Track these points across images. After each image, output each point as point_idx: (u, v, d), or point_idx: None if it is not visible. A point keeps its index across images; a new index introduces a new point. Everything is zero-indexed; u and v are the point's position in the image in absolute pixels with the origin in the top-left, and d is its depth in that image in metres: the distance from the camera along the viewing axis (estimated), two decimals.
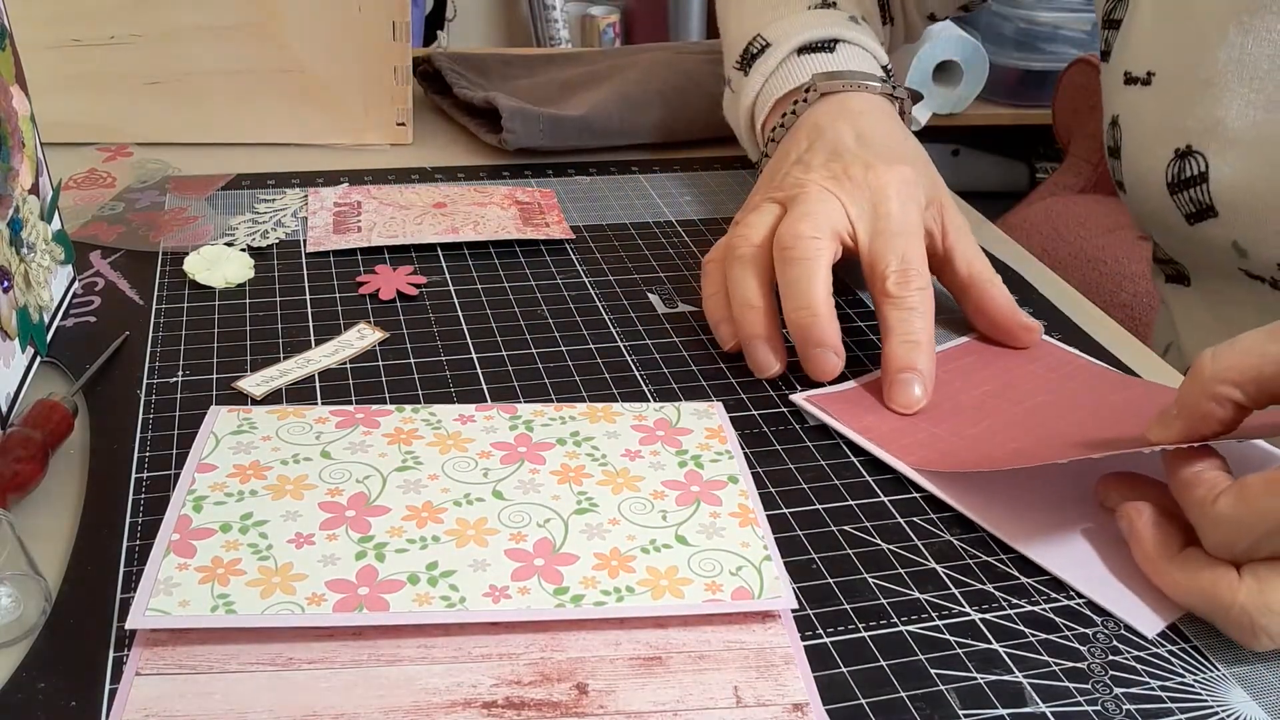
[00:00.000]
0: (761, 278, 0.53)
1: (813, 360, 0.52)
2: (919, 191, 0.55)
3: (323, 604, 0.37)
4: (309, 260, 0.62)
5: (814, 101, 0.62)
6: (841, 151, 0.56)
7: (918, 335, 0.51)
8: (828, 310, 0.51)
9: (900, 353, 0.51)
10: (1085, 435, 0.49)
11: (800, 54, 0.65)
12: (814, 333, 0.51)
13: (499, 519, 0.42)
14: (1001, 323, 0.56)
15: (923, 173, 0.56)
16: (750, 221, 0.55)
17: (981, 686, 0.37)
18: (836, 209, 0.53)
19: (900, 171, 0.54)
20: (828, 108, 0.61)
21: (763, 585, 0.40)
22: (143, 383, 0.51)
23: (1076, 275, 1.54)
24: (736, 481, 0.45)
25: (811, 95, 0.62)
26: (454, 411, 0.48)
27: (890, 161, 0.55)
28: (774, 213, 0.55)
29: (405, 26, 0.76)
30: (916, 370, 0.51)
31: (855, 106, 0.60)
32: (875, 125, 0.59)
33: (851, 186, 0.54)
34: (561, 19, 2.30)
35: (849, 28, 0.66)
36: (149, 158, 0.74)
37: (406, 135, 0.79)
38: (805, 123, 0.61)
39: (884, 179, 0.54)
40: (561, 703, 0.35)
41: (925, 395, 0.50)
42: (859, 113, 0.60)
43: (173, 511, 0.41)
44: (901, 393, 0.50)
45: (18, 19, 0.55)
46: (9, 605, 0.38)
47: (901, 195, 0.54)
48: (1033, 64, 2.11)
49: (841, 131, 0.58)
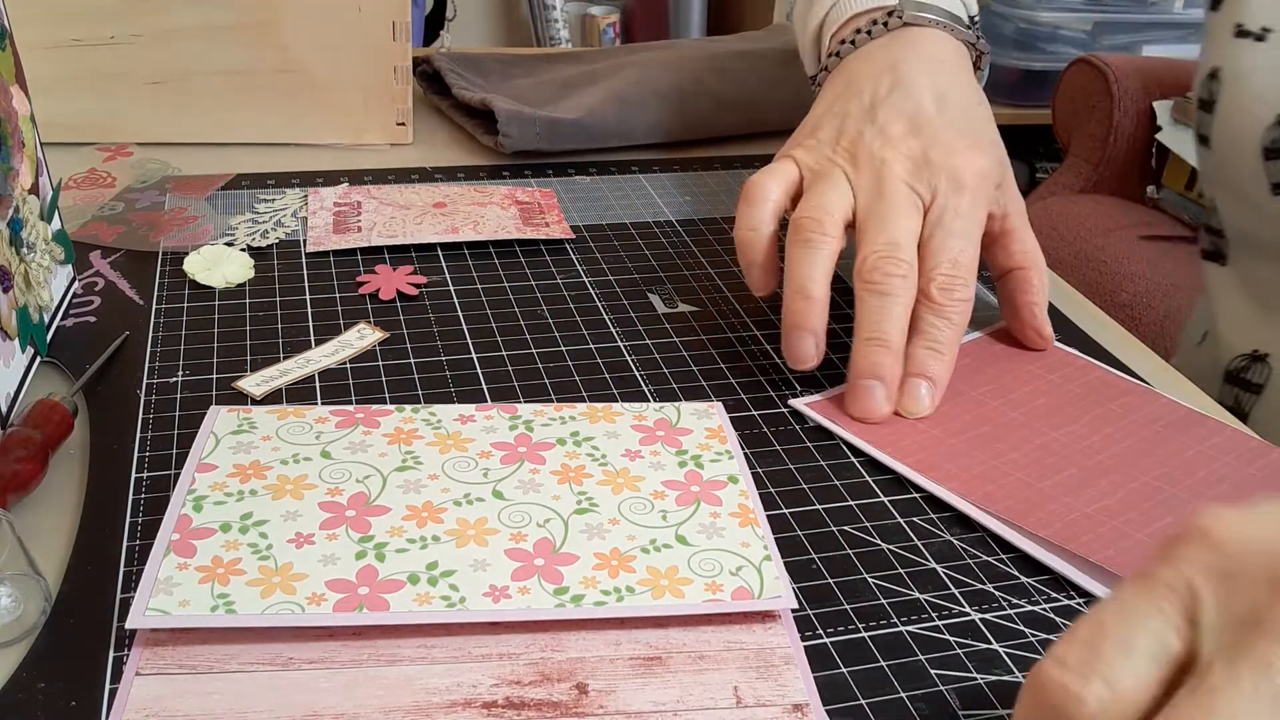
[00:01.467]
0: (826, 266, 0.51)
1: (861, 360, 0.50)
2: (991, 186, 0.53)
3: (323, 604, 0.37)
4: (309, 260, 0.62)
5: (895, 29, 0.58)
6: (922, 123, 0.53)
7: (943, 347, 0.51)
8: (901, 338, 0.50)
9: (919, 357, 0.51)
10: (1083, 440, 0.49)
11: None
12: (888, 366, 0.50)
13: (499, 519, 0.42)
14: (1023, 318, 0.55)
15: (995, 157, 0.54)
16: (823, 199, 0.52)
17: (981, 686, 0.37)
18: (915, 220, 0.51)
19: (979, 163, 0.52)
20: (909, 46, 0.57)
21: (763, 585, 0.40)
22: (143, 383, 0.51)
23: (1076, 275, 1.54)
24: (736, 481, 0.45)
25: (893, 21, 0.58)
26: (454, 411, 0.48)
27: (971, 145, 0.53)
28: (846, 193, 0.52)
29: (405, 26, 0.76)
30: (930, 378, 0.50)
31: (936, 52, 0.57)
32: (954, 83, 0.56)
33: (930, 175, 0.52)
34: (561, 19, 2.30)
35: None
36: (149, 158, 0.74)
37: (406, 135, 0.79)
38: (884, 57, 0.57)
39: (963, 172, 0.52)
40: (561, 703, 0.35)
41: (933, 405, 0.51)
42: (939, 60, 0.57)
43: (173, 511, 0.41)
44: (911, 399, 0.50)
45: (18, 19, 0.55)
46: (9, 605, 0.38)
47: (975, 193, 0.52)
48: (1033, 64, 2.11)
49: (922, 88, 0.55)
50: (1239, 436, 0.50)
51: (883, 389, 0.50)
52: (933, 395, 0.50)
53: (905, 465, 0.47)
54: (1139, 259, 1.52)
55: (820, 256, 0.51)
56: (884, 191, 0.52)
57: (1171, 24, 2.13)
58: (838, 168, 0.53)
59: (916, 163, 0.52)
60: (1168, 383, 0.56)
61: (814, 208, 0.52)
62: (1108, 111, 1.70)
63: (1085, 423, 0.51)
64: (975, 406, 0.51)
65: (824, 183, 0.53)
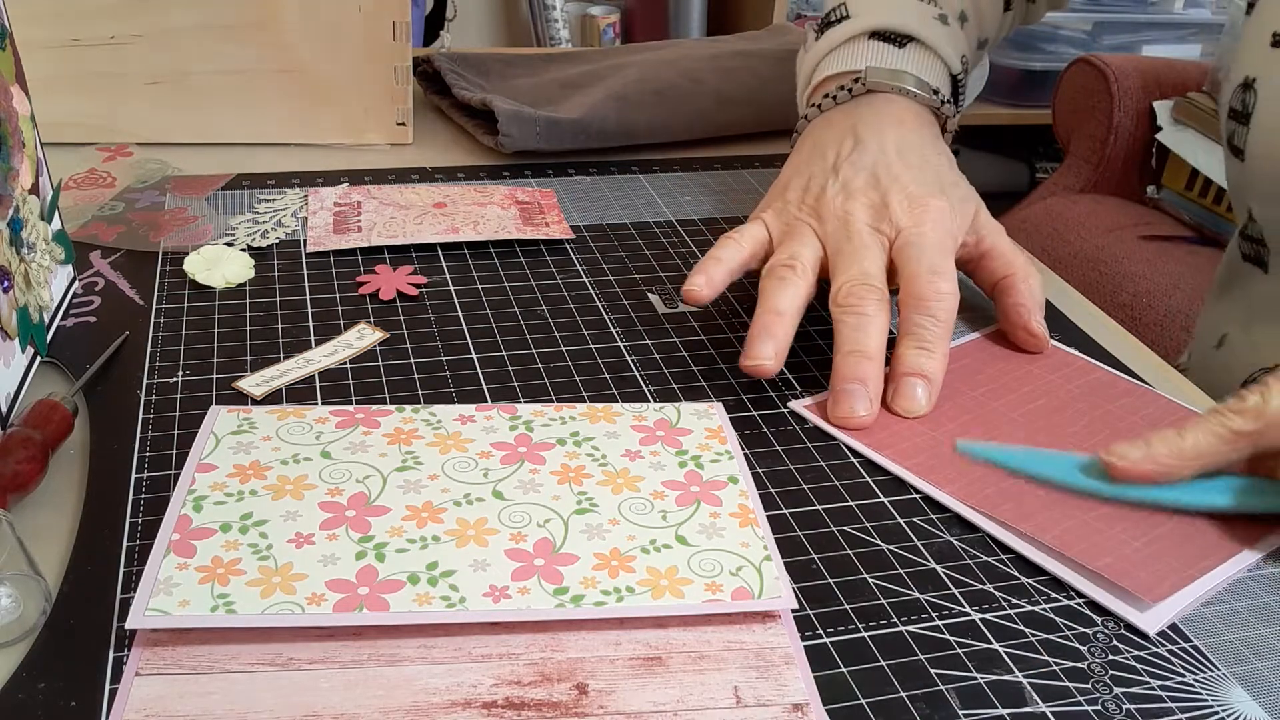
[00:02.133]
0: (797, 295, 0.53)
1: None
2: (953, 222, 0.55)
3: (323, 604, 0.37)
4: (309, 260, 0.62)
5: (858, 94, 0.62)
6: (880, 174, 0.56)
7: (933, 344, 0.51)
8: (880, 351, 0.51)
9: (910, 356, 0.51)
10: (1081, 441, 0.49)
11: (871, 38, 0.64)
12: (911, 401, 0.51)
13: (499, 519, 0.42)
14: (1012, 319, 0.56)
15: (958, 196, 0.57)
16: (793, 250, 0.54)
17: (981, 686, 0.37)
18: (883, 257, 0.54)
19: (937, 203, 0.55)
20: (870, 108, 0.61)
21: (763, 585, 0.40)
22: (143, 383, 0.51)
23: (1076, 275, 1.54)
24: (736, 482, 0.45)
25: (857, 87, 0.61)
26: (454, 411, 0.48)
27: (929, 192, 0.55)
28: (815, 245, 0.55)
29: (405, 26, 0.76)
30: (924, 376, 0.51)
31: (897, 114, 0.60)
32: (913, 137, 0.59)
33: (891, 216, 0.54)
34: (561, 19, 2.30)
35: (931, 27, 0.65)
36: (149, 158, 0.74)
37: (406, 135, 0.79)
38: (846, 119, 0.61)
39: (923, 211, 0.54)
40: (561, 703, 0.35)
41: (930, 403, 0.51)
42: (899, 121, 0.60)
43: (173, 511, 0.41)
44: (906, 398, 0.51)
45: (18, 19, 0.55)
46: (9, 605, 0.38)
47: (936, 224, 0.54)
48: (1033, 64, 2.11)
49: (883, 142, 0.58)
50: None
51: (864, 390, 0.50)
52: (929, 392, 0.51)
53: (904, 468, 0.47)
54: (1139, 259, 1.52)
55: (792, 287, 0.53)
56: (850, 234, 0.54)
57: (1171, 24, 2.13)
58: (804, 224, 0.56)
59: (877, 209, 0.55)
60: (1171, 385, 0.56)
61: (786, 256, 0.54)
62: (1108, 111, 1.70)
63: (1085, 424, 0.51)
64: (974, 407, 0.51)
65: (793, 238, 0.55)
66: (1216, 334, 0.74)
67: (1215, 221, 1.58)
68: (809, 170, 0.59)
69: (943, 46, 0.64)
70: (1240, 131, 0.64)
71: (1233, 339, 0.72)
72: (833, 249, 0.54)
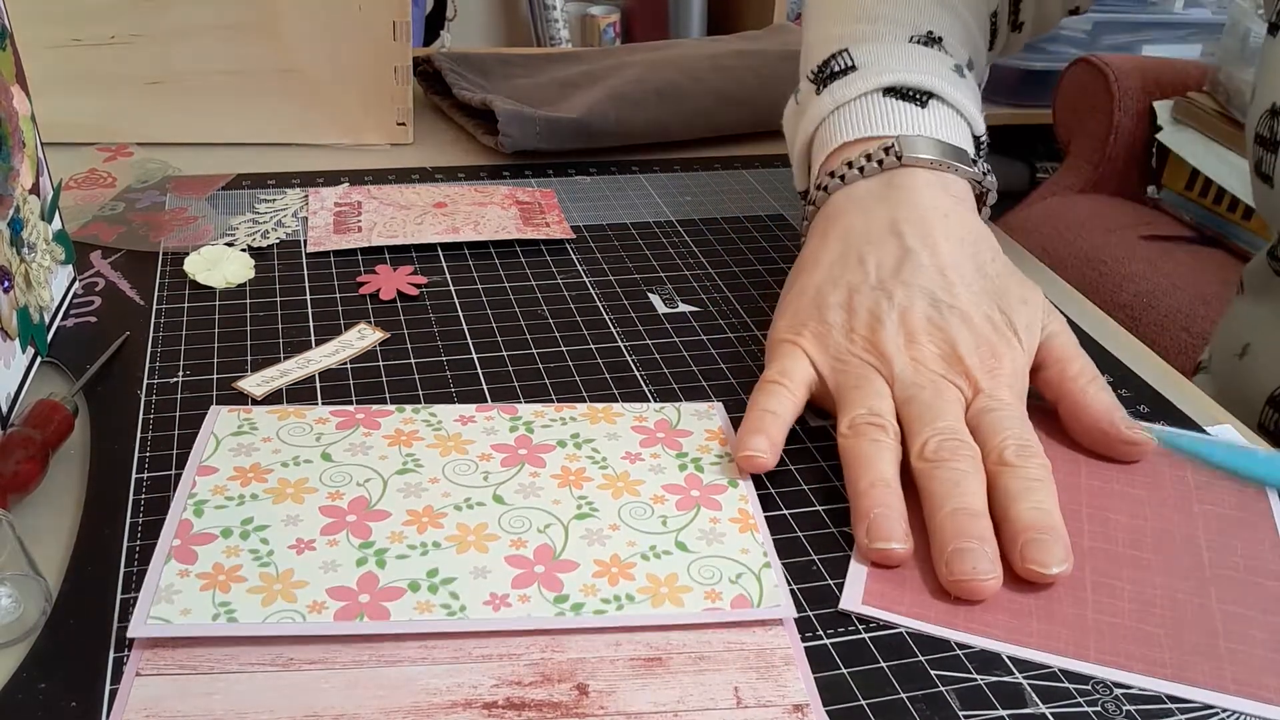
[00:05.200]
0: (896, 458, 0.46)
1: None
2: (1025, 369, 0.49)
3: (323, 611, 0.37)
4: (309, 260, 0.62)
5: (890, 168, 0.54)
6: (941, 306, 0.49)
7: (1045, 505, 0.43)
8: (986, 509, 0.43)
9: (1028, 517, 0.42)
10: None
11: (886, 95, 0.56)
12: None
13: (499, 524, 0.42)
14: (1097, 432, 0.49)
15: (1022, 326, 0.50)
16: (871, 404, 0.47)
17: (981, 687, 0.37)
18: (961, 413, 0.47)
19: (1010, 359, 0.48)
20: (907, 199, 0.53)
21: (762, 593, 0.40)
22: (143, 383, 0.51)
23: (1076, 275, 1.54)
24: (736, 485, 0.45)
25: (889, 159, 0.54)
26: (454, 412, 0.48)
27: (999, 333, 0.49)
28: (887, 395, 0.47)
29: (405, 26, 0.76)
30: (1052, 529, 0.42)
31: (938, 203, 0.53)
32: (962, 238, 0.52)
33: (964, 369, 0.48)
34: (561, 19, 2.30)
35: (950, 80, 0.57)
36: (149, 158, 0.74)
37: (406, 135, 0.79)
38: (882, 209, 0.53)
39: (998, 375, 0.48)
40: (562, 703, 0.35)
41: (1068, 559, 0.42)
42: (944, 215, 0.52)
43: (173, 516, 0.41)
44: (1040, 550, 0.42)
45: (18, 19, 0.55)
46: (9, 605, 0.38)
47: (1014, 392, 0.48)
48: (1033, 64, 2.11)
49: (936, 254, 0.51)
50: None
51: (985, 548, 0.41)
52: (1065, 547, 0.42)
53: (992, 638, 0.39)
54: (1139, 259, 1.52)
55: (889, 451, 0.45)
56: (923, 384, 0.47)
57: (1171, 24, 2.13)
58: (867, 367, 0.48)
59: (948, 359, 0.48)
60: (1182, 394, 0.55)
61: (867, 413, 0.47)
62: (1108, 111, 1.70)
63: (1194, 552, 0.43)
64: None
65: (863, 390, 0.48)
66: (1239, 342, 0.70)
67: (1216, 221, 1.58)
68: (846, 280, 0.51)
69: (965, 103, 0.57)
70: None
71: (1253, 350, 0.68)
72: (904, 397, 0.47)
